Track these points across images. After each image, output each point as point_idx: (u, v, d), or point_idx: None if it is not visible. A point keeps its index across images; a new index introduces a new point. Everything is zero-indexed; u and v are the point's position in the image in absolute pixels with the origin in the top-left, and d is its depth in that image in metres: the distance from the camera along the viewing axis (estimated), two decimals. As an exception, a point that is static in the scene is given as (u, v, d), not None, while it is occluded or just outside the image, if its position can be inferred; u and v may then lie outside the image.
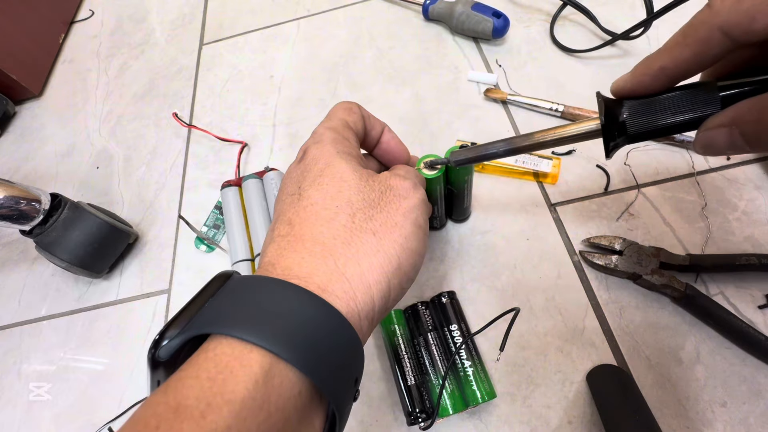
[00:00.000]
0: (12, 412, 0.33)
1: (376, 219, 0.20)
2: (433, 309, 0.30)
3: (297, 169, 0.22)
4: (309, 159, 0.22)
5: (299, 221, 0.20)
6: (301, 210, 0.20)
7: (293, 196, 0.21)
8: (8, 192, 0.31)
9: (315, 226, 0.19)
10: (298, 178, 0.22)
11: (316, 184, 0.21)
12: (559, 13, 0.43)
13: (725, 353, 0.26)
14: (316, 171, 0.21)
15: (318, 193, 0.20)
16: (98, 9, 0.60)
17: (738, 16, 0.16)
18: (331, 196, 0.20)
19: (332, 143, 0.22)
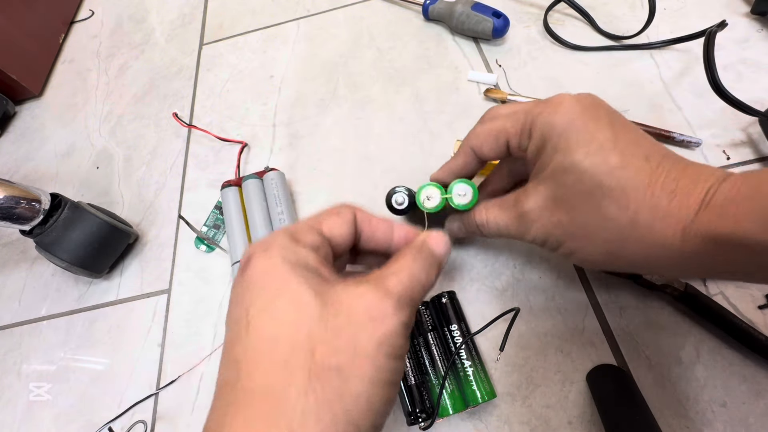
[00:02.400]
0: (12, 412, 0.33)
1: (342, 349, 0.16)
2: (432, 309, 0.30)
3: (241, 284, 0.18)
4: (256, 273, 0.17)
5: (247, 363, 0.16)
6: (250, 347, 0.16)
7: (239, 323, 0.17)
8: (8, 192, 0.31)
9: (267, 371, 0.15)
10: (245, 300, 0.17)
11: (268, 312, 0.16)
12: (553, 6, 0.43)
13: (725, 353, 0.26)
14: (268, 293, 0.17)
15: (270, 324, 0.16)
16: (98, 9, 0.60)
17: (476, 141, 0.24)
18: (287, 329, 0.16)
19: (282, 252, 0.17)
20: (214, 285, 0.35)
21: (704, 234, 0.17)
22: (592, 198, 0.19)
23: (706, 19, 0.40)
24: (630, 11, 0.42)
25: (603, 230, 0.19)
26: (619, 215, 0.19)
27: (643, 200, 0.18)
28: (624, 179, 0.19)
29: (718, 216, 0.17)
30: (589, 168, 0.19)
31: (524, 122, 0.22)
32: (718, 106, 0.33)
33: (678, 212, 0.18)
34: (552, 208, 0.21)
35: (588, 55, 0.40)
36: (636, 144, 0.19)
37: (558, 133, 0.20)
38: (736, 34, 0.38)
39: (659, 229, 0.18)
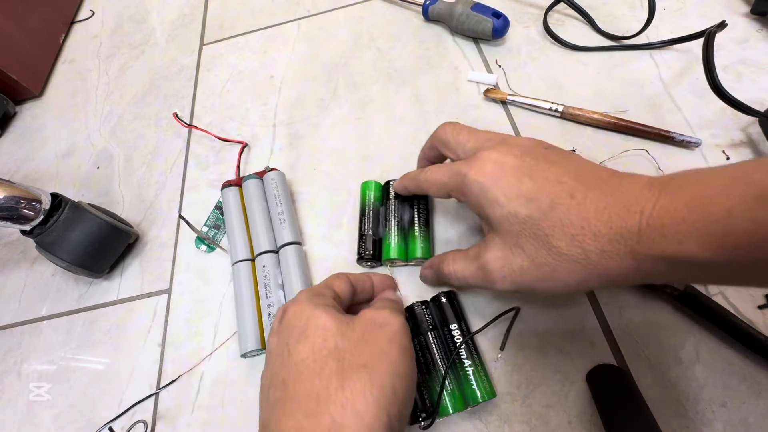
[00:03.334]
0: (12, 412, 0.33)
1: (364, 353, 0.21)
2: (432, 309, 0.30)
3: (279, 329, 0.23)
4: (290, 317, 0.23)
5: (292, 380, 0.21)
6: (293, 367, 0.21)
7: (282, 355, 0.22)
8: (8, 192, 0.31)
9: (308, 380, 0.20)
10: (284, 339, 0.22)
11: (303, 338, 0.22)
12: (553, 6, 0.43)
13: (725, 353, 0.26)
14: (300, 327, 0.22)
15: (305, 347, 0.21)
16: (98, 9, 0.61)
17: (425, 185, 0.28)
18: (318, 347, 0.21)
19: (308, 300, 0.23)
20: (214, 285, 0.35)
21: (652, 255, 0.18)
22: (540, 241, 0.21)
23: (705, 19, 0.40)
24: (630, 11, 0.42)
25: (563, 265, 0.21)
26: (570, 249, 0.20)
27: (584, 232, 0.20)
28: (558, 219, 0.20)
29: (660, 236, 0.17)
30: (527, 217, 0.21)
31: (457, 183, 0.24)
32: (718, 107, 0.33)
33: (620, 237, 0.19)
34: (510, 257, 0.23)
35: (588, 55, 0.40)
36: (559, 184, 0.21)
37: (488, 193, 0.22)
38: (735, 34, 0.38)
39: (611, 255, 0.19)
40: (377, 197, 0.34)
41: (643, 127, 0.34)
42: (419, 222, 0.33)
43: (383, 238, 0.32)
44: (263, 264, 0.32)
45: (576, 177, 0.21)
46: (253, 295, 0.32)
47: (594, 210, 0.20)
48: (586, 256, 0.20)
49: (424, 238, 0.32)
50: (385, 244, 0.32)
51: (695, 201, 0.17)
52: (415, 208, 0.33)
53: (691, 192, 0.17)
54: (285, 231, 0.34)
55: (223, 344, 0.32)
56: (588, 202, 0.20)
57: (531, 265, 0.22)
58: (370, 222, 0.33)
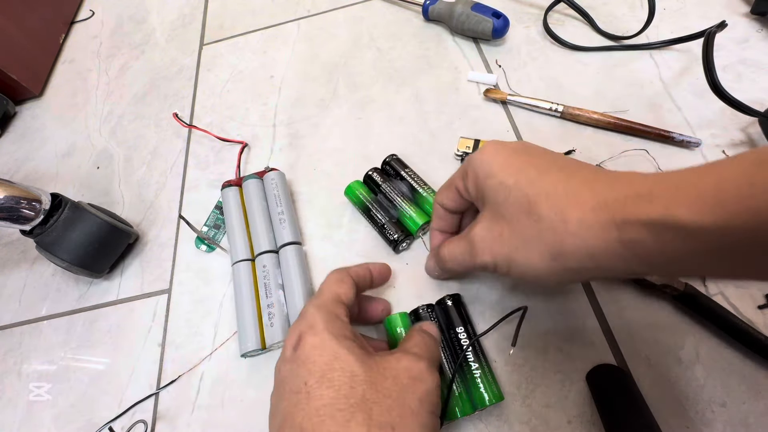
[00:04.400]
0: (12, 412, 0.33)
1: (393, 410, 0.19)
2: (438, 312, 0.30)
3: (295, 361, 0.21)
4: (308, 352, 0.21)
5: (311, 428, 0.18)
6: (313, 413, 0.19)
7: (299, 394, 0.20)
8: (8, 192, 0.31)
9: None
10: (302, 375, 0.20)
11: (326, 381, 0.19)
12: (553, 6, 0.43)
13: (725, 353, 0.26)
14: (322, 365, 0.20)
15: (330, 392, 0.19)
16: (98, 9, 0.61)
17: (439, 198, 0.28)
18: (344, 394, 0.19)
19: (327, 328, 0.21)
20: (214, 285, 0.35)
21: (637, 221, 0.17)
22: (523, 207, 0.21)
23: (705, 19, 0.40)
24: (630, 11, 0.42)
25: (541, 233, 0.20)
26: (550, 215, 0.20)
27: (567, 199, 0.20)
28: (544, 186, 0.21)
29: (647, 202, 0.17)
30: (513, 184, 0.22)
31: (463, 168, 0.25)
32: (718, 107, 0.33)
33: (604, 204, 0.18)
34: (493, 225, 0.23)
35: (588, 55, 0.40)
36: (551, 161, 0.22)
37: (485, 165, 0.23)
38: (735, 34, 0.38)
39: (592, 222, 0.18)
40: (367, 191, 0.35)
41: (643, 127, 0.34)
42: (418, 183, 0.34)
43: (400, 216, 0.33)
44: (263, 264, 0.32)
45: (571, 162, 0.22)
46: (253, 295, 0.32)
47: (582, 181, 0.20)
48: (564, 224, 0.19)
49: (433, 193, 0.33)
50: (406, 219, 0.33)
51: (687, 171, 0.17)
52: (407, 176, 0.34)
53: (685, 168, 0.17)
54: (285, 231, 0.34)
55: (223, 344, 0.32)
56: (576, 176, 0.20)
57: (510, 232, 0.22)
58: (379, 213, 0.33)
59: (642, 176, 0.18)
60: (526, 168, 0.22)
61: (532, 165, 0.22)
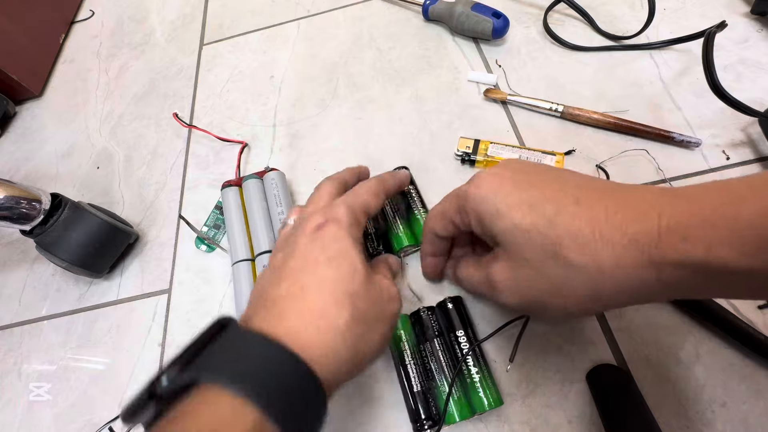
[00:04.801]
0: (12, 412, 0.33)
1: (371, 311, 0.22)
2: (439, 315, 0.29)
3: (315, 237, 0.23)
4: (328, 236, 0.23)
5: (311, 291, 0.21)
6: (317, 281, 0.21)
7: (309, 263, 0.22)
8: (9, 192, 0.31)
9: (325, 301, 0.21)
10: (317, 250, 0.23)
11: (335, 264, 0.22)
12: (553, 6, 0.43)
13: (725, 353, 0.26)
14: (336, 251, 0.22)
15: (334, 273, 0.22)
16: (98, 9, 0.60)
17: (430, 224, 0.27)
18: (343, 280, 0.22)
19: (349, 228, 0.24)
20: (214, 285, 0.35)
21: (674, 261, 0.16)
22: (548, 252, 0.19)
23: (705, 19, 0.40)
24: (630, 11, 0.42)
25: (574, 278, 0.19)
26: (581, 260, 0.18)
27: (595, 241, 0.18)
28: (566, 225, 0.19)
29: (682, 239, 0.16)
30: (531, 226, 0.20)
31: (457, 203, 0.24)
32: (718, 106, 0.33)
33: (636, 243, 0.17)
34: (516, 269, 0.21)
35: (588, 55, 0.40)
36: (561, 191, 0.20)
37: (488, 204, 0.21)
38: (735, 34, 0.38)
39: (627, 264, 0.17)
40: None
41: (643, 127, 0.34)
42: (416, 204, 0.33)
43: (388, 230, 0.32)
44: (263, 264, 0.32)
45: (579, 185, 0.20)
46: (253, 295, 0.32)
47: (604, 214, 0.18)
48: (598, 267, 0.18)
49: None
50: (394, 235, 0.32)
51: (721, 202, 0.15)
52: (408, 194, 0.34)
53: (714, 196, 0.16)
54: (285, 231, 0.34)
55: (223, 344, 0.32)
56: (596, 206, 0.19)
57: (539, 277, 0.20)
58: (370, 222, 0.33)
59: (670, 203, 0.17)
60: (538, 203, 0.20)
61: (543, 198, 0.20)
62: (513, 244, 0.21)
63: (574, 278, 0.19)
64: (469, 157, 0.35)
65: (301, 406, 0.18)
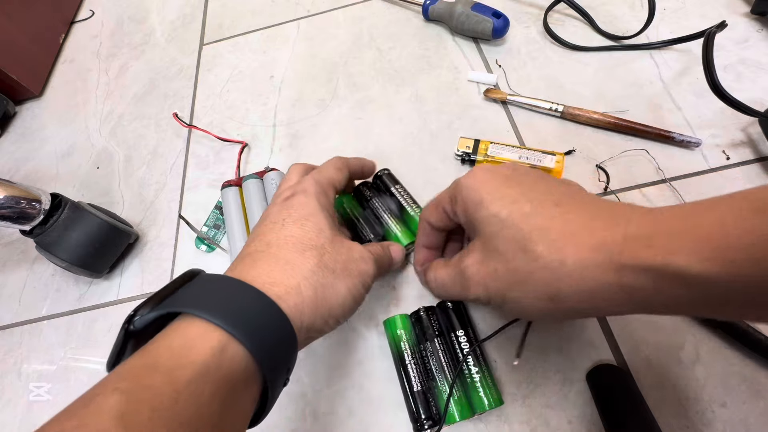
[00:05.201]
0: (12, 412, 0.33)
1: (338, 264, 0.24)
2: (439, 314, 0.29)
3: (283, 205, 0.26)
4: (296, 203, 0.25)
5: (277, 245, 0.23)
6: (282, 237, 0.24)
7: (276, 224, 0.25)
8: (8, 192, 0.31)
9: (290, 252, 0.23)
10: (284, 214, 0.25)
11: (299, 224, 0.24)
12: (553, 6, 0.43)
13: (725, 353, 0.26)
14: (302, 214, 0.25)
15: (299, 231, 0.24)
16: (98, 9, 0.60)
17: (425, 214, 0.27)
18: (309, 237, 0.24)
19: (316, 196, 0.26)
20: (214, 285, 0.35)
21: (636, 266, 0.17)
22: (518, 243, 0.20)
23: (706, 19, 0.40)
24: (630, 11, 0.42)
25: (537, 272, 0.19)
26: (547, 254, 0.19)
27: (564, 238, 0.19)
28: (540, 221, 0.20)
29: (645, 246, 0.16)
30: (507, 217, 0.21)
31: (451, 191, 0.25)
32: (718, 106, 0.33)
33: (603, 245, 0.18)
34: (487, 260, 0.22)
35: (588, 55, 0.40)
36: (546, 193, 0.21)
37: (475, 192, 0.23)
38: (735, 34, 0.38)
39: (590, 264, 0.18)
40: (355, 205, 0.34)
41: (643, 127, 0.34)
42: (407, 201, 0.33)
43: (386, 233, 0.32)
44: (263, 264, 0.32)
45: (564, 193, 0.21)
46: (253, 295, 0.32)
47: (578, 220, 0.19)
48: (562, 263, 0.18)
49: (420, 212, 0.32)
50: (392, 236, 0.32)
51: (685, 212, 0.16)
52: (396, 193, 0.34)
53: (683, 207, 0.17)
54: (285, 231, 0.34)
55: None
56: (573, 213, 0.19)
57: (505, 268, 0.21)
58: (365, 228, 0.32)
59: (641, 214, 0.18)
60: (520, 200, 0.21)
61: (525, 197, 0.21)
62: (487, 234, 0.22)
63: (536, 272, 0.19)
64: (469, 157, 0.35)
65: (267, 332, 0.20)
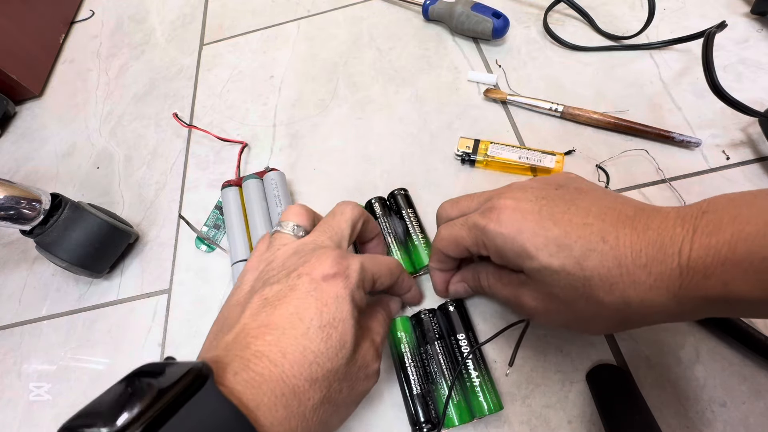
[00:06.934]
0: (12, 412, 0.33)
1: (342, 394, 0.21)
2: (440, 317, 0.29)
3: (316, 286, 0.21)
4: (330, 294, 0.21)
5: (291, 363, 0.19)
6: (300, 350, 0.20)
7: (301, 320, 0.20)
8: (8, 192, 0.31)
9: (300, 379, 0.19)
10: (313, 305, 0.21)
11: (326, 334, 0.20)
12: (553, 6, 0.43)
13: (725, 353, 0.26)
14: (329, 318, 0.21)
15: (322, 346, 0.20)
16: (98, 9, 0.60)
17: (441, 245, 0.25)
18: (327, 356, 0.20)
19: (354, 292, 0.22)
20: (214, 285, 0.35)
21: (695, 297, 0.17)
22: (577, 291, 0.20)
23: (706, 19, 0.40)
24: (630, 11, 0.42)
25: (602, 313, 0.20)
26: (610, 300, 0.19)
27: (622, 280, 0.19)
28: (593, 268, 0.19)
29: (703, 278, 0.17)
30: (560, 267, 0.20)
31: (475, 237, 0.23)
32: (718, 106, 0.33)
33: (661, 283, 0.18)
34: (545, 300, 0.22)
35: (588, 55, 0.40)
36: (586, 226, 0.20)
37: (512, 242, 0.21)
38: (735, 34, 0.38)
39: (652, 302, 0.19)
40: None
41: (643, 127, 0.34)
42: (415, 229, 0.32)
43: None
44: (263, 264, 0.32)
45: (601, 216, 0.20)
46: (253, 295, 0.32)
47: (630, 254, 0.19)
48: (626, 305, 0.19)
49: (426, 243, 0.32)
50: None
51: (736, 239, 0.16)
52: (406, 217, 0.33)
53: (730, 230, 0.17)
54: (285, 231, 0.34)
55: (223, 344, 0.32)
56: (621, 245, 0.19)
57: (568, 311, 0.21)
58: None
59: (686, 238, 0.18)
60: (565, 242, 0.20)
61: (569, 236, 0.20)
62: (542, 281, 0.21)
63: (602, 313, 0.20)
64: (469, 157, 0.35)
65: None
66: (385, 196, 0.35)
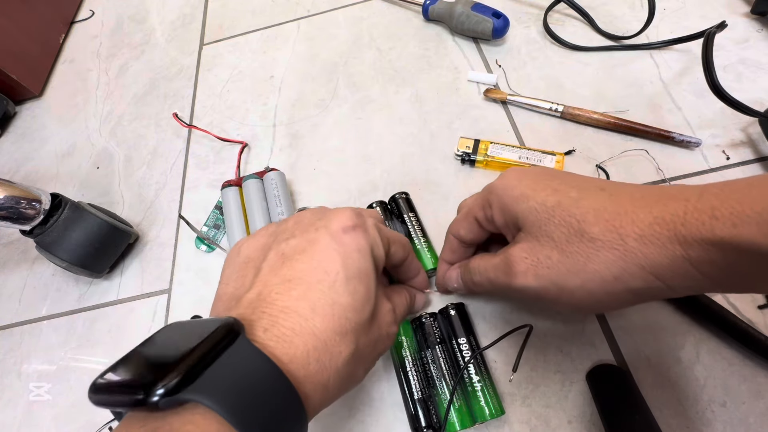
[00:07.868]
0: (12, 412, 0.33)
1: (366, 350, 0.21)
2: (441, 321, 0.29)
3: (338, 238, 0.21)
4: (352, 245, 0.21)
5: (322, 315, 0.19)
6: (328, 304, 0.19)
7: (327, 273, 0.20)
8: (9, 192, 0.31)
9: (332, 333, 0.19)
10: (337, 257, 0.20)
11: (352, 286, 0.20)
12: (553, 6, 0.43)
13: (725, 353, 0.26)
14: (355, 270, 0.21)
15: (349, 299, 0.20)
16: (98, 9, 0.60)
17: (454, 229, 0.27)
18: (354, 308, 0.20)
19: (374, 245, 0.22)
20: (214, 285, 0.35)
21: (702, 239, 0.16)
22: (572, 227, 0.19)
23: (706, 19, 0.40)
24: (630, 11, 0.42)
25: (598, 253, 0.18)
26: (605, 235, 0.18)
27: (620, 216, 0.18)
28: (591, 204, 0.19)
29: (710, 218, 0.16)
30: (556, 203, 0.20)
31: (483, 197, 0.24)
32: (718, 107, 0.33)
33: (662, 220, 0.17)
34: (537, 247, 0.21)
35: (588, 55, 0.40)
36: (586, 181, 0.21)
37: (513, 189, 0.22)
38: (735, 34, 0.38)
39: (653, 239, 0.17)
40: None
41: (643, 127, 0.34)
42: (417, 233, 0.32)
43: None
44: (263, 264, 0.32)
45: (606, 182, 0.21)
46: (253, 295, 0.32)
47: (629, 199, 0.18)
48: (623, 242, 0.18)
49: (429, 247, 0.31)
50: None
51: (748, 187, 0.15)
52: (408, 221, 0.33)
53: (741, 183, 0.16)
54: (285, 231, 0.34)
55: (223, 344, 0.32)
56: (621, 194, 0.19)
57: (560, 255, 0.20)
58: None
59: (698, 191, 0.17)
60: (563, 188, 0.20)
61: (568, 185, 0.21)
62: (537, 222, 0.21)
63: (598, 254, 0.18)
64: (469, 157, 0.35)
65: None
66: (385, 196, 0.35)
